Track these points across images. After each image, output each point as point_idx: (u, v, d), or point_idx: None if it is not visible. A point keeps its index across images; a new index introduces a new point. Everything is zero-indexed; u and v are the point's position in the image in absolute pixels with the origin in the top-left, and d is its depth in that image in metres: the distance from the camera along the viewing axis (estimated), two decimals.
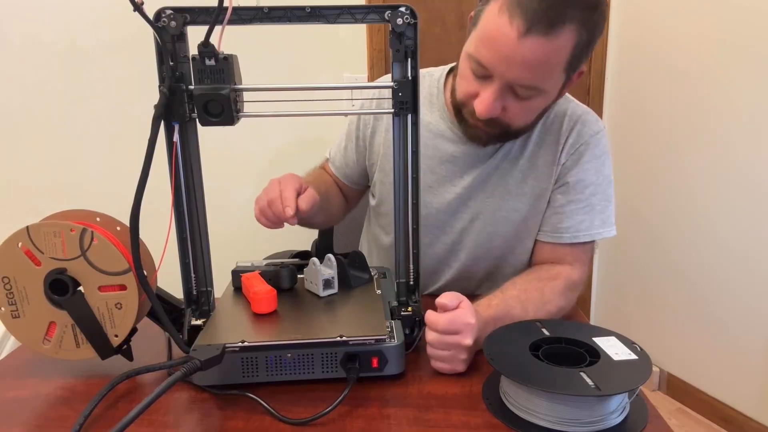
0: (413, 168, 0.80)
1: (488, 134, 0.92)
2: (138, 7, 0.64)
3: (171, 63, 0.72)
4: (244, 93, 0.75)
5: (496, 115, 0.85)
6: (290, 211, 0.84)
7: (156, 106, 0.69)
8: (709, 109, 1.86)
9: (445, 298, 0.75)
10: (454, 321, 0.74)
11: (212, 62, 0.70)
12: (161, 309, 0.72)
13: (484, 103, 0.84)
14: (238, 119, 0.73)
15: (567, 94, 1.01)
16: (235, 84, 0.72)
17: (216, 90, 0.70)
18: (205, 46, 0.69)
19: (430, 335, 0.75)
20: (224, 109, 0.70)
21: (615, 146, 2.28)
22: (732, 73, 1.77)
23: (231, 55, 0.71)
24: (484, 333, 0.76)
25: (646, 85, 2.11)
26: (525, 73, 0.80)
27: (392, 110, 0.78)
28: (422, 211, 0.95)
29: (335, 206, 1.13)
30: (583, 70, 0.88)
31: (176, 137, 0.74)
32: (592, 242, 0.99)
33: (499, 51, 0.80)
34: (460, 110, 0.93)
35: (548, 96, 0.88)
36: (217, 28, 0.68)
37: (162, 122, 0.71)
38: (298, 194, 0.87)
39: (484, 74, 0.84)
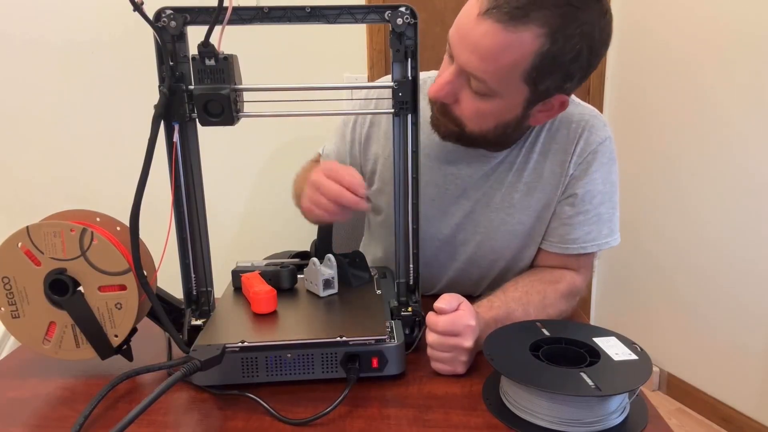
0: (413, 168, 0.80)
1: (446, 128, 0.87)
2: (138, 7, 0.64)
3: (171, 63, 0.72)
4: (244, 93, 0.75)
5: (443, 98, 0.82)
6: (362, 189, 0.78)
7: (156, 106, 0.69)
8: (711, 107, 1.86)
9: (443, 302, 0.75)
10: (455, 323, 0.74)
11: (212, 62, 0.70)
12: (161, 309, 0.72)
13: (437, 82, 0.82)
14: (238, 119, 0.73)
15: (573, 96, 0.97)
16: (235, 84, 0.72)
17: (216, 90, 0.70)
18: (205, 46, 0.69)
19: (430, 337, 0.75)
20: (224, 109, 0.70)
21: (616, 146, 2.28)
22: (734, 71, 1.77)
23: (231, 55, 0.71)
24: (485, 335, 0.75)
25: (646, 85, 2.11)
26: (474, 59, 0.76)
27: (392, 110, 0.78)
28: (425, 225, 0.93)
29: None
30: (564, 99, 0.83)
31: (176, 137, 0.74)
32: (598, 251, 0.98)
33: (459, 27, 0.78)
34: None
35: (504, 104, 0.81)
36: (217, 28, 0.68)
37: (162, 122, 0.71)
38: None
39: (451, 54, 0.81)
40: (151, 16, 0.70)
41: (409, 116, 0.78)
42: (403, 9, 0.74)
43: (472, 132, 0.86)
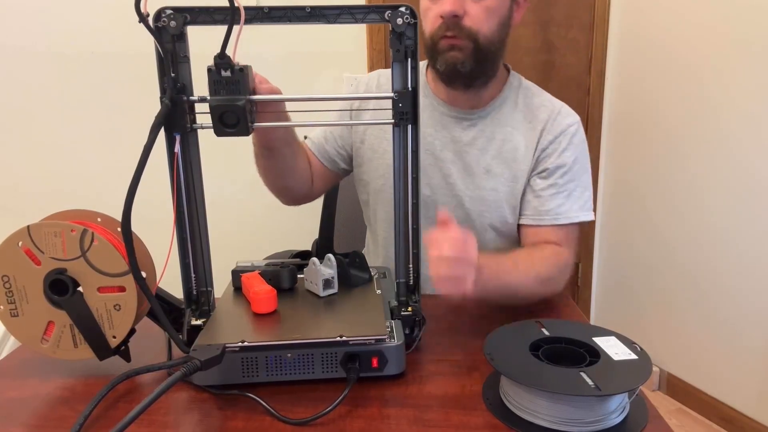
0: (413, 168, 0.80)
1: (463, 52, 0.96)
2: (143, 19, 0.65)
3: (173, 75, 0.72)
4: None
5: (458, 9, 0.93)
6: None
7: (157, 116, 0.69)
8: (712, 107, 1.86)
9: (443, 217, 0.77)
10: (462, 237, 0.75)
11: (228, 73, 0.70)
12: (161, 310, 0.72)
13: (444, 3, 0.93)
14: (253, 129, 0.74)
15: (543, 90, 1.11)
16: (250, 94, 0.73)
17: (232, 101, 0.70)
18: (222, 58, 0.69)
19: (435, 252, 0.75)
20: (240, 119, 0.71)
21: (615, 145, 2.29)
22: (734, 71, 1.77)
23: (246, 66, 0.72)
24: (478, 279, 0.77)
25: (646, 84, 2.11)
26: None
27: (392, 120, 0.78)
28: None
29: (300, 170, 1.09)
30: None
31: (177, 148, 0.74)
32: (575, 226, 1.03)
33: None
34: (433, 49, 0.98)
35: None
36: (233, 40, 0.68)
37: (161, 131, 0.70)
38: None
39: None
40: (151, 17, 0.70)
41: (410, 127, 0.78)
42: (403, 9, 0.74)
43: (484, 38, 0.97)
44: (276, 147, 0.98)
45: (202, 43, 0.83)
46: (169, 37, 0.72)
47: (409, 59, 0.76)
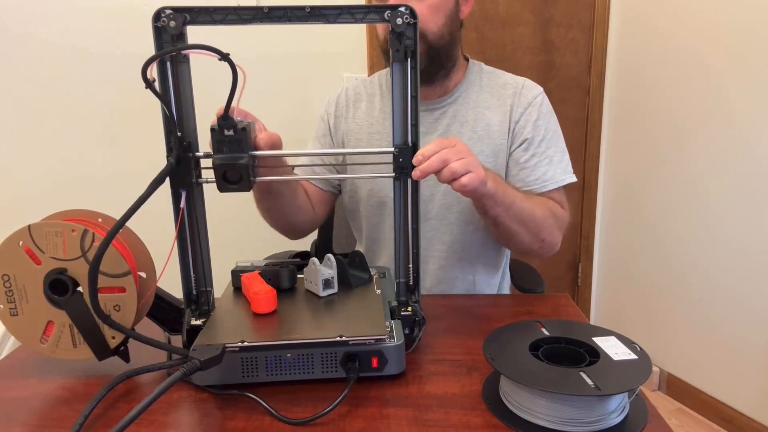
0: (413, 218, 0.81)
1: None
2: (150, 85, 0.66)
3: (179, 134, 0.73)
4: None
5: None
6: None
7: (160, 173, 0.70)
8: (711, 107, 1.86)
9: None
10: (443, 138, 0.79)
11: (231, 132, 0.72)
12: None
13: (389, 5, 0.96)
14: (254, 183, 0.76)
15: (504, 71, 1.15)
16: (251, 151, 0.74)
17: (235, 160, 0.72)
18: (225, 119, 0.71)
19: (431, 156, 0.76)
20: (242, 176, 0.73)
21: (615, 145, 2.29)
22: (734, 71, 1.77)
23: (249, 123, 0.74)
24: (487, 174, 0.83)
25: (646, 84, 2.11)
26: None
27: (393, 174, 0.80)
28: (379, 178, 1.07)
29: (302, 203, 1.12)
30: None
31: (183, 204, 0.76)
32: (561, 189, 1.09)
33: None
34: (388, 53, 1.01)
35: None
36: (235, 100, 0.69)
37: (162, 179, 0.71)
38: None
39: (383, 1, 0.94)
40: (150, 17, 0.70)
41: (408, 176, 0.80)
42: (402, 9, 0.74)
43: (433, 35, 1.01)
44: (275, 189, 1.00)
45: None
46: (168, 37, 0.72)
47: (409, 59, 0.76)
